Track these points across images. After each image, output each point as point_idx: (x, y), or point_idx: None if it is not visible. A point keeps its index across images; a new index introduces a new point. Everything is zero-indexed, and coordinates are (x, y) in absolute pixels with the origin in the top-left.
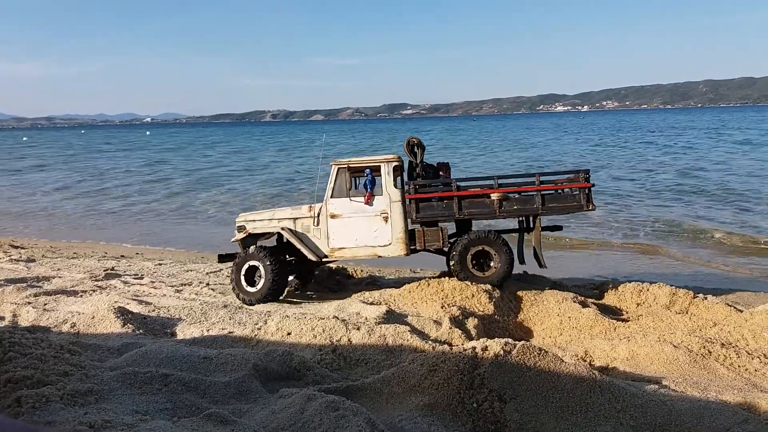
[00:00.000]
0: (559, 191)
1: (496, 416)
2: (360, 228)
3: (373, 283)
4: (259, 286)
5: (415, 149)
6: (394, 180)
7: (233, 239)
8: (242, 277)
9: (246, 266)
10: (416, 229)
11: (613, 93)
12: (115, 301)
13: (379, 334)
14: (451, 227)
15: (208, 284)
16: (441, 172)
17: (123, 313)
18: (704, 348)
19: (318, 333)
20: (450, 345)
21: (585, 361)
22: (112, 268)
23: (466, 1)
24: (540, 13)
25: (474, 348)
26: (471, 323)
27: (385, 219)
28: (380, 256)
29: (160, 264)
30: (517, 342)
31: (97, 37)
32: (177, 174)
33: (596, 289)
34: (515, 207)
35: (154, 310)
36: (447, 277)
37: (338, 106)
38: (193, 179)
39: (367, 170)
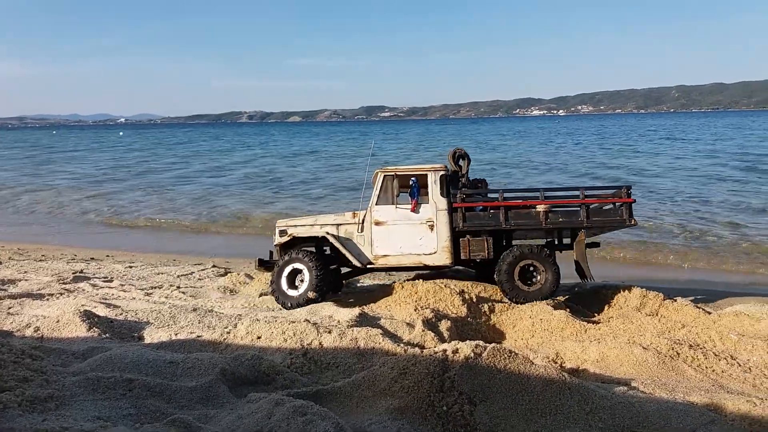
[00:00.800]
0: (603, 206)
1: (466, 419)
2: (405, 235)
3: (348, 285)
4: (301, 290)
5: (460, 160)
6: (441, 189)
7: (275, 243)
8: (284, 280)
9: (289, 269)
10: (462, 238)
11: (588, 97)
12: (82, 305)
13: (351, 338)
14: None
15: (178, 287)
16: (479, 185)
17: (89, 317)
18: (673, 350)
19: (288, 336)
20: (422, 348)
21: (556, 363)
22: (81, 271)
23: (444, 6)
24: (518, 18)
25: (445, 351)
26: (444, 326)
27: (431, 227)
28: (425, 265)
29: (131, 267)
30: (487, 344)
31: (72, 38)
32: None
33: (569, 291)
34: (560, 219)
35: (121, 314)
36: (421, 280)
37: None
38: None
39: (413, 178)
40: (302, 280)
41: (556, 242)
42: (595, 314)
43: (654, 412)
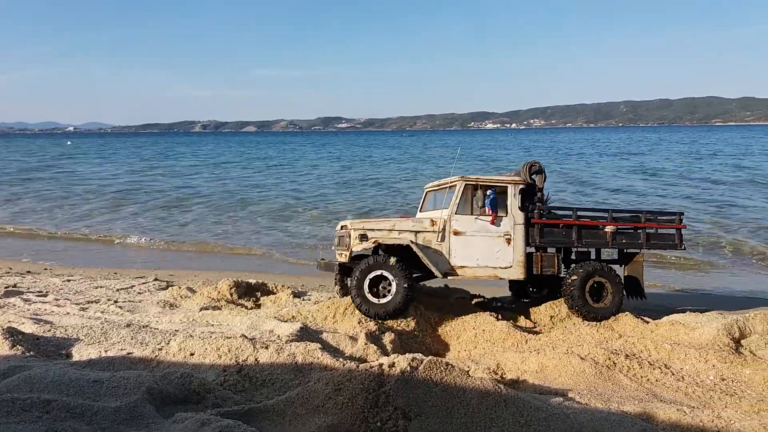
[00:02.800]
0: (658, 230)
1: None
2: (482, 247)
3: (298, 296)
4: (388, 299)
5: (535, 175)
6: (520, 202)
7: (358, 247)
8: (366, 286)
9: (373, 275)
10: (534, 253)
11: (539, 111)
12: (9, 321)
13: (289, 353)
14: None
15: (116, 302)
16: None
17: (12, 334)
18: (609, 359)
19: (223, 353)
20: (365, 361)
21: (497, 374)
22: (14, 285)
23: (400, 20)
24: (472, 32)
25: (381, 365)
26: (387, 338)
27: (508, 241)
28: (500, 278)
29: (69, 280)
30: (425, 357)
31: (18, 45)
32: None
33: (513, 302)
34: (624, 240)
35: (50, 330)
36: None
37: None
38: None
39: (491, 190)
40: (387, 289)
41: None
42: (538, 325)
43: (588, 423)
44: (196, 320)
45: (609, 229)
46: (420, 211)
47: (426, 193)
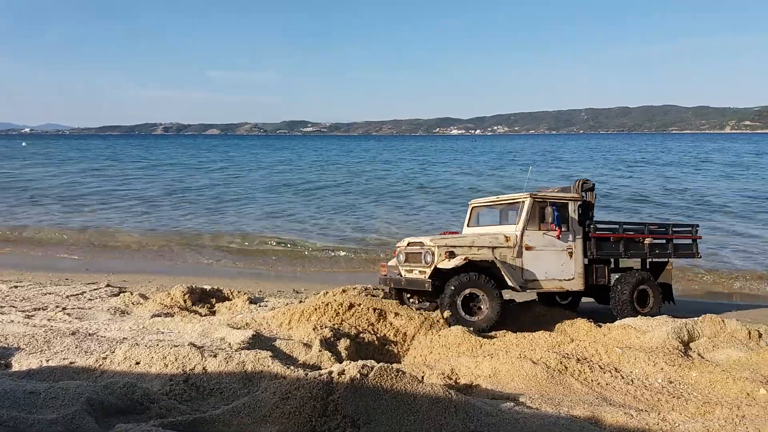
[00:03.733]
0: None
1: None
2: (550, 261)
3: (254, 303)
4: (482, 316)
5: (586, 192)
6: (579, 218)
7: (448, 264)
8: (460, 305)
9: (465, 293)
10: (590, 265)
11: (503, 118)
12: None
13: (238, 361)
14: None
15: (64, 309)
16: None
17: None
18: (561, 363)
19: (170, 362)
20: (318, 369)
21: (451, 379)
22: None
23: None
24: (437, 39)
25: (330, 372)
26: (343, 345)
27: (570, 254)
28: (565, 290)
29: (17, 286)
30: (375, 364)
31: None
32: None
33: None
34: (657, 251)
35: None
36: (324, 297)
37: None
38: None
39: (555, 206)
40: (477, 305)
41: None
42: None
43: (537, 428)
44: (147, 328)
45: (648, 241)
46: (467, 226)
47: (472, 208)
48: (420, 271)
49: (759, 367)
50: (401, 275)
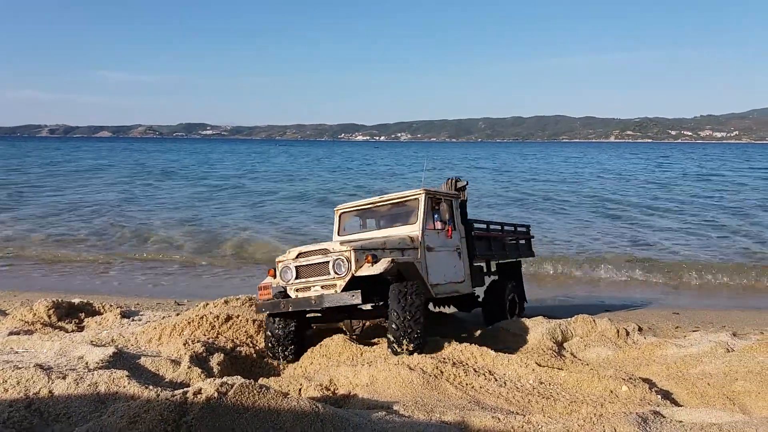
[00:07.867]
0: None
1: None
2: (447, 263)
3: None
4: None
5: (459, 190)
6: (461, 215)
7: (369, 271)
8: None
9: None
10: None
11: (406, 126)
12: None
13: (90, 382)
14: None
15: None
16: None
17: None
18: (437, 368)
19: (11, 386)
20: (187, 387)
21: (329, 389)
22: None
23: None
24: (339, 46)
25: (185, 392)
26: (216, 360)
27: (459, 254)
28: (459, 293)
29: None
30: (236, 381)
31: None
32: None
33: None
34: (514, 251)
35: None
36: (203, 308)
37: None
38: None
39: (448, 203)
40: None
41: None
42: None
43: None
44: (0, 347)
45: (508, 239)
46: (338, 234)
47: (340, 214)
48: (325, 286)
49: (624, 365)
50: (292, 296)
